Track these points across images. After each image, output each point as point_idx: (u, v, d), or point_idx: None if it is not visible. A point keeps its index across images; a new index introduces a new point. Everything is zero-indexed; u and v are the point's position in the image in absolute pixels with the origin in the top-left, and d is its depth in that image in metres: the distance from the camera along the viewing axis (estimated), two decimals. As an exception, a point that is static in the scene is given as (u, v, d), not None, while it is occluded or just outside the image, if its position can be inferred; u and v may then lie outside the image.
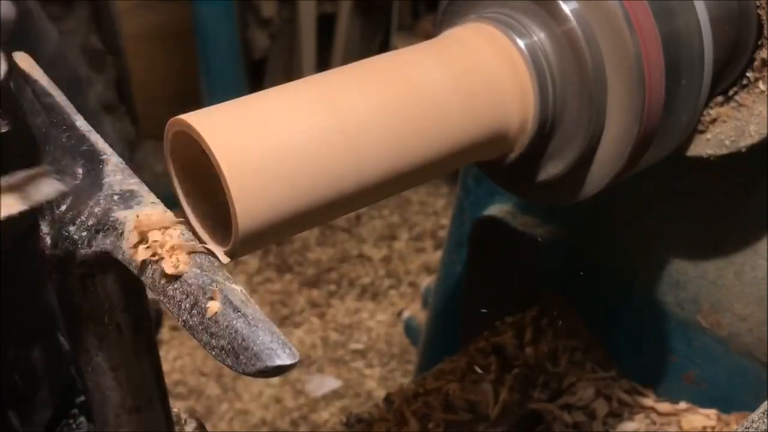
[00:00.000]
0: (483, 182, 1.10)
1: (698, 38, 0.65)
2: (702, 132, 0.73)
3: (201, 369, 2.32)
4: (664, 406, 0.97)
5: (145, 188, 0.50)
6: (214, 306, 0.43)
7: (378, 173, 0.54)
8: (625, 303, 1.00)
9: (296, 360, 0.43)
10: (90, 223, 0.49)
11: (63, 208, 0.50)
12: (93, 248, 0.49)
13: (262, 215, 0.49)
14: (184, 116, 0.49)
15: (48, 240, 0.50)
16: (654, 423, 0.96)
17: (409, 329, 1.65)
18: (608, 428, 0.95)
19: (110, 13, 3.06)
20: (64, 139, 0.51)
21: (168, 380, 0.86)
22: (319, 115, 0.52)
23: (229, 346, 0.43)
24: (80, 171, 0.50)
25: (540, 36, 0.61)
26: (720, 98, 0.72)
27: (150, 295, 0.48)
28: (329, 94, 0.53)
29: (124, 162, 0.51)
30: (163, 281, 0.45)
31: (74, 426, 0.58)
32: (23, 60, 0.56)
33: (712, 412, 0.94)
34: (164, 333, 2.38)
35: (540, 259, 1.03)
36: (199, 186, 0.52)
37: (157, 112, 3.11)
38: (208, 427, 0.62)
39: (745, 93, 0.71)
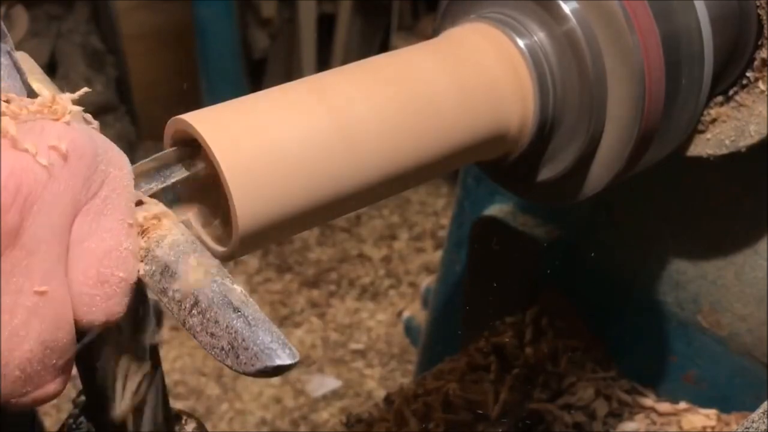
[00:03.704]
0: (483, 182, 1.10)
1: (698, 38, 0.65)
2: (702, 132, 0.73)
3: (201, 369, 2.32)
4: (664, 406, 0.97)
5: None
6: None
7: (377, 173, 0.54)
8: (625, 303, 1.00)
9: (296, 360, 0.43)
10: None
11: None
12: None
13: (262, 215, 0.49)
14: (184, 116, 0.49)
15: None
16: (654, 423, 0.96)
17: (409, 329, 1.65)
18: (608, 428, 0.95)
19: (110, 13, 3.06)
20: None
21: (168, 380, 0.86)
22: (318, 115, 0.52)
23: (229, 346, 0.43)
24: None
25: (540, 36, 0.61)
26: (720, 98, 0.72)
27: (150, 295, 0.48)
28: (329, 94, 0.53)
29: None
30: (163, 281, 0.45)
31: (74, 426, 0.58)
32: (24, 59, 0.56)
33: (712, 412, 0.94)
34: (164, 333, 2.39)
35: (540, 259, 1.03)
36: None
37: (157, 112, 3.12)
38: (208, 427, 0.62)
39: (745, 93, 0.71)
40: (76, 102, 0.45)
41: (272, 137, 0.50)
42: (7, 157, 0.39)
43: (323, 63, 3.19)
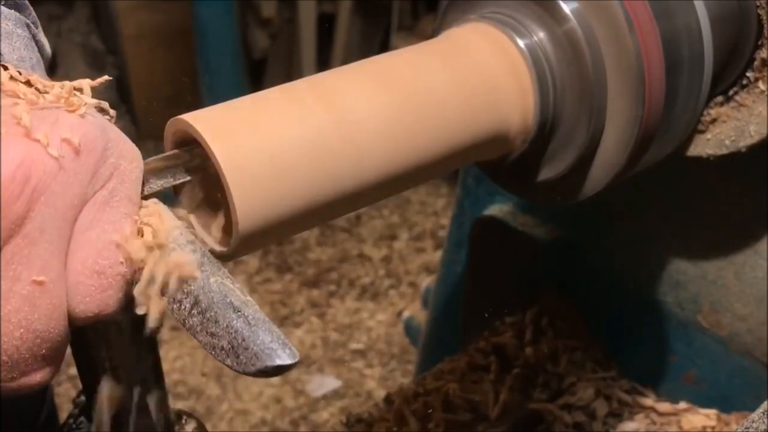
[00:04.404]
0: (483, 182, 1.10)
1: (698, 38, 0.65)
2: (702, 132, 0.73)
3: (201, 369, 2.32)
4: (664, 406, 0.97)
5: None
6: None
7: (378, 173, 0.54)
8: (625, 303, 1.00)
9: (296, 360, 0.43)
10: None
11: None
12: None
13: (262, 215, 0.49)
14: (184, 116, 0.49)
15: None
16: (654, 423, 0.96)
17: (409, 329, 1.65)
18: (608, 428, 0.95)
19: (110, 13, 3.06)
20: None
21: (168, 380, 0.86)
22: (318, 115, 0.52)
23: (229, 346, 0.43)
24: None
25: (540, 36, 0.61)
26: (720, 98, 0.72)
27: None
28: (329, 94, 0.53)
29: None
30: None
31: (74, 426, 0.58)
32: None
33: (712, 412, 0.94)
34: (164, 333, 2.39)
35: (540, 259, 1.03)
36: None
37: (157, 112, 3.12)
38: (208, 427, 0.62)
39: (745, 93, 0.71)
40: (95, 88, 0.45)
41: (272, 137, 0.50)
42: (18, 146, 0.39)
43: (323, 63, 3.19)
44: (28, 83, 0.43)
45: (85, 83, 0.45)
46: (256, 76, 3.19)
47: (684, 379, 0.97)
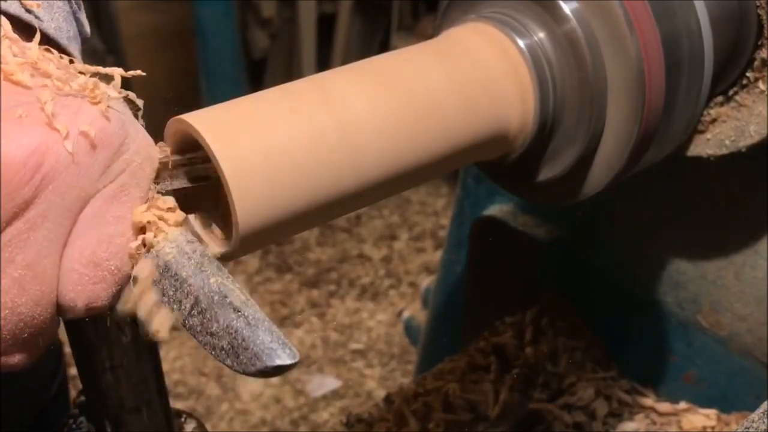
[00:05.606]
0: (483, 182, 1.10)
1: (698, 38, 0.65)
2: (702, 132, 0.73)
3: (201, 369, 2.32)
4: (664, 406, 0.97)
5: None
6: None
7: (377, 173, 0.54)
8: (625, 303, 1.00)
9: (296, 360, 0.43)
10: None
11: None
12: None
13: (263, 215, 0.49)
14: (184, 116, 0.49)
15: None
16: (654, 423, 0.96)
17: (409, 329, 1.65)
18: (608, 428, 0.95)
19: (110, 13, 3.06)
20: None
21: (168, 380, 0.86)
22: (318, 115, 0.52)
23: (229, 346, 0.43)
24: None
25: (540, 36, 0.61)
26: (720, 98, 0.72)
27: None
28: (329, 93, 0.53)
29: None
30: (163, 281, 0.45)
31: (74, 426, 0.58)
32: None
33: (712, 412, 0.94)
34: (164, 333, 2.38)
35: (540, 259, 1.03)
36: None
37: (157, 112, 3.12)
38: (208, 427, 0.62)
39: (745, 93, 0.71)
40: (125, 79, 0.45)
41: (272, 137, 0.50)
42: (35, 132, 0.40)
43: (323, 63, 3.19)
44: (60, 61, 0.43)
45: (117, 72, 0.45)
46: (256, 76, 3.19)
47: (684, 379, 0.97)
